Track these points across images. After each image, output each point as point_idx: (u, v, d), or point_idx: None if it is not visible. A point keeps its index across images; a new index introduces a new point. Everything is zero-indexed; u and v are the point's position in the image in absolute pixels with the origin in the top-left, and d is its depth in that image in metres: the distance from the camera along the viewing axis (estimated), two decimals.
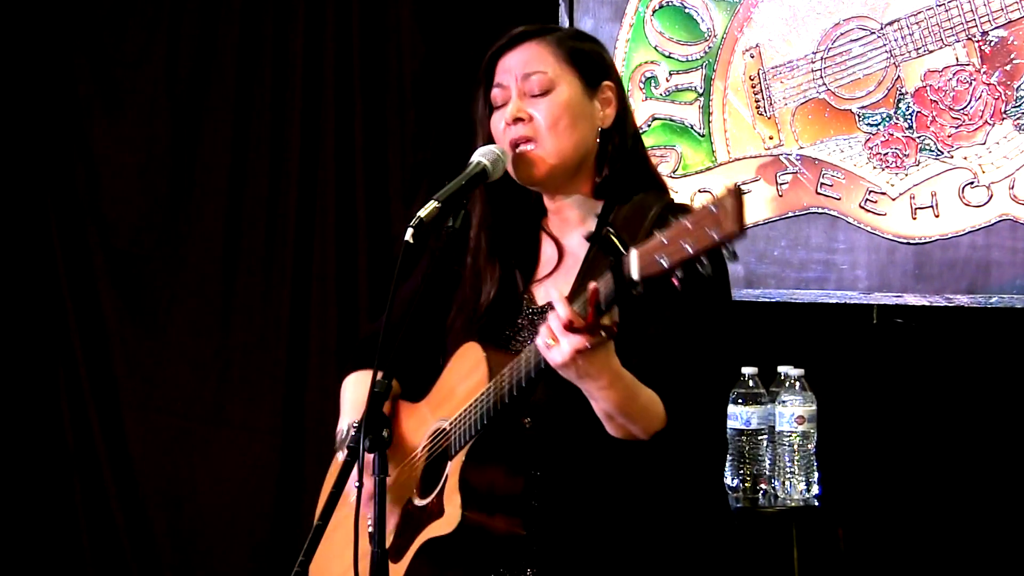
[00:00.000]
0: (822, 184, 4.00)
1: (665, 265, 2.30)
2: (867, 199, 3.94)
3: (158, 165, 4.87)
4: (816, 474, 3.90)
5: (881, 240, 3.93)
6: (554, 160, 2.75)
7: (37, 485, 4.97)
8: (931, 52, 3.86)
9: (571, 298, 2.50)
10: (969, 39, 3.82)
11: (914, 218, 3.89)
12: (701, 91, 4.14)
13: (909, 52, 3.89)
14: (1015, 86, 3.77)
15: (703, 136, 4.14)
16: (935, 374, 3.97)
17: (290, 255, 4.75)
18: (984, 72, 3.80)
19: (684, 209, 2.79)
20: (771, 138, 4.06)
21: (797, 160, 4.03)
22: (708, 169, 4.14)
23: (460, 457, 2.69)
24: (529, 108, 2.75)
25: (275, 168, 4.77)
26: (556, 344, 2.46)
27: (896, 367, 4.01)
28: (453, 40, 4.56)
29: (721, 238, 2.24)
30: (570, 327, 2.43)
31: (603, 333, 2.44)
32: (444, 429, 2.78)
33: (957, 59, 3.83)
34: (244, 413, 4.82)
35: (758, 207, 4.07)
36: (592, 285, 2.42)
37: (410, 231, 2.55)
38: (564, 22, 4.27)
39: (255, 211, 4.79)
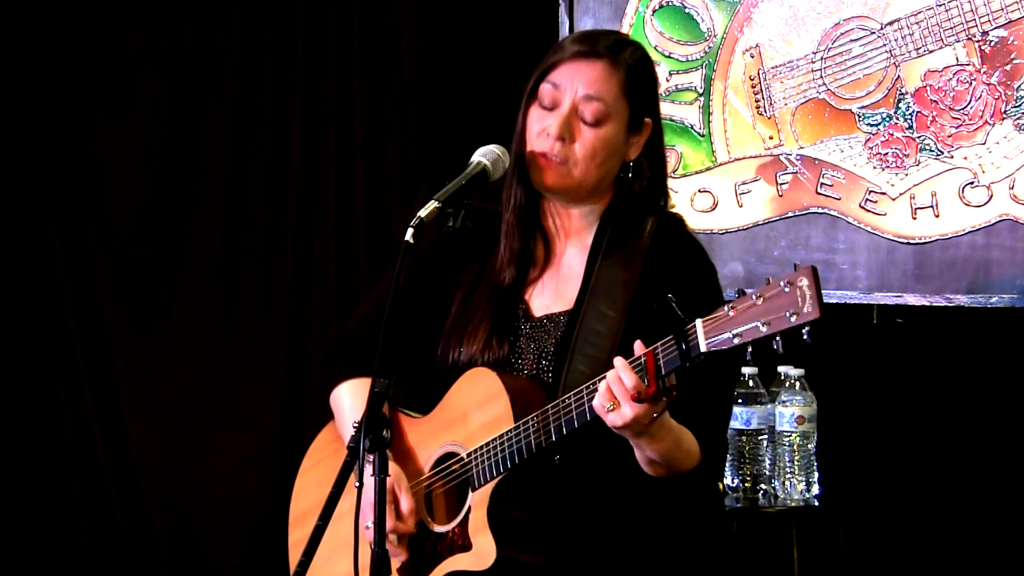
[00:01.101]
0: (822, 184, 4.00)
1: (736, 343, 2.34)
2: (867, 199, 3.94)
3: (158, 165, 4.87)
4: (816, 474, 3.90)
5: (881, 240, 3.93)
6: (575, 184, 2.77)
7: (37, 485, 4.96)
8: (931, 52, 3.86)
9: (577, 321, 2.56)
10: (969, 39, 3.82)
11: (914, 218, 3.90)
12: (701, 91, 4.14)
13: (909, 52, 3.89)
14: (1015, 86, 3.77)
15: (703, 136, 4.14)
16: (935, 374, 3.97)
17: (290, 255, 4.74)
18: (984, 72, 3.80)
19: (677, 220, 2.85)
20: (771, 138, 4.06)
21: (797, 160, 4.03)
22: (708, 169, 4.13)
23: (487, 491, 2.70)
24: (575, 126, 2.75)
25: (275, 168, 4.76)
26: (617, 408, 2.49)
27: (896, 367, 4.01)
28: (453, 40, 4.56)
29: (798, 323, 2.27)
30: (637, 398, 2.46)
31: (665, 399, 2.48)
32: (458, 456, 2.78)
33: (957, 59, 3.83)
34: (244, 413, 4.81)
35: (758, 207, 4.07)
36: (648, 352, 2.46)
37: (410, 231, 2.56)
38: (564, 22, 4.27)
39: (255, 211, 4.78)
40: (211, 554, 4.86)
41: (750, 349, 2.35)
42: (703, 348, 2.39)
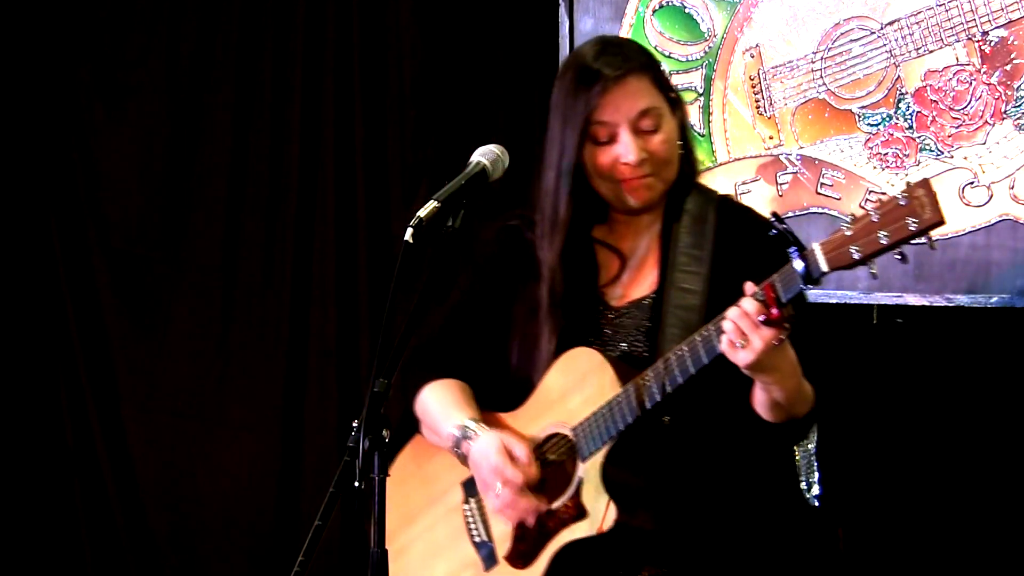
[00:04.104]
0: (822, 184, 4.00)
1: (857, 257, 2.39)
2: (867, 199, 3.94)
3: (158, 165, 4.87)
4: (816, 474, 3.89)
5: None
6: (666, 187, 2.86)
7: (37, 485, 4.97)
8: (931, 52, 3.86)
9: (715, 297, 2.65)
10: (969, 39, 3.81)
11: None
12: (701, 91, 4.14)
13: (909, 52, 3.89)
14: (1015, 86, 3.77)
15: (703, 136, 4.14)
16: (935, 374, 3.97)
17: (290, 255, 4.75)
18: (984, 72, 3.80)
19: (730, 199, 2.94)
20: (771, 138, 4.06)
21: (797, 160, 4.03)
22: (708, 169, 4.13)
23: (598, 459, 2.74)
24: (643, 143, 2.80)
25: (275, 168, 4.76)
26: (747, 343, 2.53)
27: (896, 367, 4.01)
28: (453, 40, 4.56)
29: (921, 228, 2.32)
30: (766, 323, 2.51)
31: (787, 326, 2.53)
32: (563, 435, 2.82)
33: (957, 59, 3.83)
34: (244, 413, 4.81)
35: (758, 207, 4.07)
36: (765, 284, 2.51)
37: (410, 231, 2.57)
38: (564, 22, 4.27)
39: (255, 211, 4.79)
40: (211, 554, 4.86)
41: (873, 266, 2.39)
42: (824, 268, 2.44)
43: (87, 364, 4.92)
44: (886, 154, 3.92)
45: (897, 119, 3.91)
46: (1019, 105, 3.77)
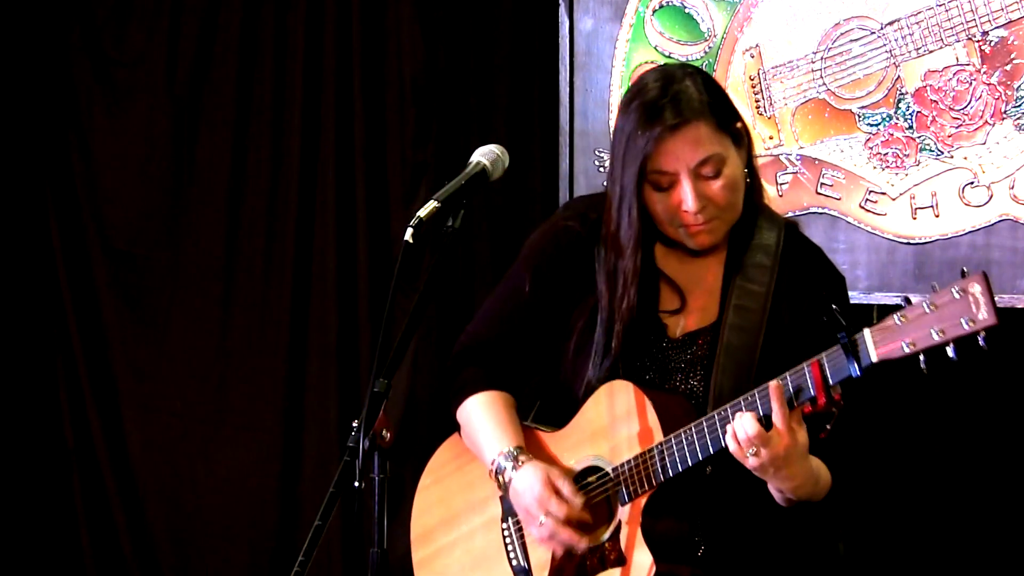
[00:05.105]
0: (822, 184, 4.00)
1: (909, 351, 2.37)
2: (867, 199, 3.94)
3: (158, 165, 4.87)
4: None
5: (881, 240, 3.93)
6: (727, 230, 2.81)
7: (37, 485, 4.97)
8: (931, 52, 3.86)
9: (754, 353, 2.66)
10: (969, 39, 3.81)
11: (914, 218, 3.89)
12: None
13: (909, 52, 3.89)
14: (1015, 86, 3.77)
15: None
16: (935, 374, 3.96)
17: (290, 255, 4.74)
18: (984, 72, 3.80)
19: (796, 229, 2.88)
20: (771, 138, 4.06)
21: (797, 160, 4.03)
22: None
23: (639, 504, 2.72)
24: (704, 190, 2.75)
25: (275, 168, 4.76)
26: (758, 455, 2.53)
27: (896, 367, 4.00)
28: (453, 40, 4.56)
29: (974, 330, 2.31)
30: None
31: (834, 411, 2.51)
32: (602, 470, 2.80)
33: (957, 59, 3.83)
34: (244, 413, 4.81)
35: None
36: (813, 362, 2.49)
37: (410, 231, 2.57)
38: (564, 22, 4.26)
39: (255, 211, 4.79)
40: (211, 554, 4.86)
41: (923, 358, 2.37)
42: (873, 358, 2.41)
43: (87, 364, 4.92)
44: (886, 154, 3.92)
45: (897, 119, 3.91)
46: (1019, 105, 3.77)
